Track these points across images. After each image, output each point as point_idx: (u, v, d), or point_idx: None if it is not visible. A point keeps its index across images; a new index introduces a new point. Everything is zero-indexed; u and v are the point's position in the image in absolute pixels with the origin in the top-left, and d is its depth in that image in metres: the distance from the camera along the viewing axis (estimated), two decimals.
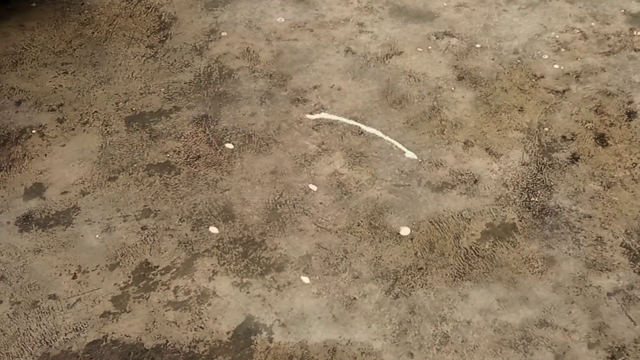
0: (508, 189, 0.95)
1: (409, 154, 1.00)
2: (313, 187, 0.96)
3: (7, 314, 0.83)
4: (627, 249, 0.87)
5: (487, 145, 1.01)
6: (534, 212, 0.92)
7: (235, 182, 0.97)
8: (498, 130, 1.03)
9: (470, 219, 0.91)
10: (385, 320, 0.81)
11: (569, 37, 1.19)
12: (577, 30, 1.20)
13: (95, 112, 1.08)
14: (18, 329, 0.81)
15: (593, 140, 1.01)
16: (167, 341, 0.80)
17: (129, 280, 0.86)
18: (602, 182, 0.95)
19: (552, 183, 0.95)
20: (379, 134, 1.03)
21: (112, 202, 0.95)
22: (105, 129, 1.05)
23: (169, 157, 1.01)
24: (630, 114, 1.04)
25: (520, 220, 0.91)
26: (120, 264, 0.87)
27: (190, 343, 0.80)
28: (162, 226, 0.92)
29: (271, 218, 0.92)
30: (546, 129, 1.03)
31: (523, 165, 0.98)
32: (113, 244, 0.90)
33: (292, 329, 0.81)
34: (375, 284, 0.85)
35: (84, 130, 1.05)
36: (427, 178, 0.97)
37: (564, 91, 1.09)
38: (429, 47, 1.18)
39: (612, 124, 1.03)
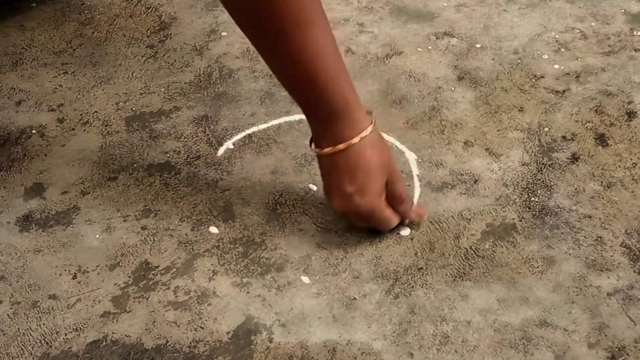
0: (508, 189, 0.95)
1: (409, 154, 1.00)
2: (313, 187, 0.96)
3: (7, 314, 0.82)
4: (627, 249, 0.87)
5: (487, 145, 1.01)
6: (534, 212, 0.91)
7: (235, 182, 0.97)
8: (498, 130, 1.03)
9: (470, 219, 0.91)
10: (385, 320, 0.81)
11: (569, 37, 1.19)
12: (577, 30, 1.20)
13: (95, 112, 1.08)
14: (18, 329, 0.81)
15: (593, 140, 1.01)
16: (167, 341, 0.80)
17: (129, 280, 0.86)
18: (602, 182, 0.95)
19: (552, 183, 0.95)
20: None
21: (112, 202, 0.95)
22: (105, 129, 1.05)
23: (169, 157, 1.01)
24: (630, 114, 1.04)
25: (520, 220, 0.91)
26: (120, 264, 0.87)
27: (190, 343, 0.79)
28: (162, 226, 0.91)
29: (271, 218, 0.92)
30: (546, 129, 1.03)
31: (523, 165, 0.98)
32: (113, 244, 0.90)
33: (292, 329, 0.80)
34: (375, 284, 0.85)
35: (84, 130, 1.05)
36: (427, 178, 0.97)
37: (564, 91, 1.09)
38: (429, 47, 1.18)
39: (612, 124, 1.03)
